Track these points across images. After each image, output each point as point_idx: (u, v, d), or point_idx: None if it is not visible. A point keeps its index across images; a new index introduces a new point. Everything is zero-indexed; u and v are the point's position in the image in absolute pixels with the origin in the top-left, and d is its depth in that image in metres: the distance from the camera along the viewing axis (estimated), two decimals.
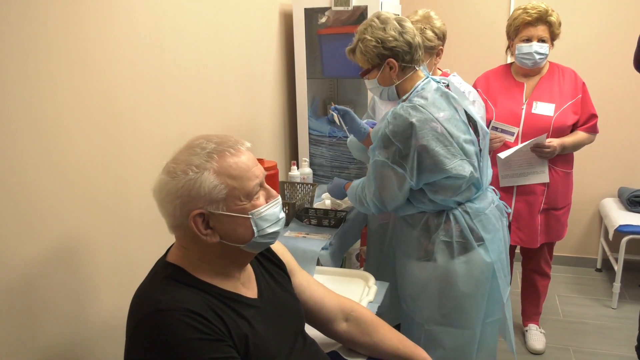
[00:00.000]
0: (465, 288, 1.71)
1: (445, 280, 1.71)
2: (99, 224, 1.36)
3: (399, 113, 1.58)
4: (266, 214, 1.07)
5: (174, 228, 1.05)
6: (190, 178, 1.00)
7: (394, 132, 1.58)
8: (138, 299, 1.02)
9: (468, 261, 1.69)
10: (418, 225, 1.74)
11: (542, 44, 2.29)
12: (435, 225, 1.71)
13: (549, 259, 2.64)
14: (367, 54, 1.65)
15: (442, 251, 1.70)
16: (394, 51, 1.63)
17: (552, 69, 2.42)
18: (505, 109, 2.38)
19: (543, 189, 2.39)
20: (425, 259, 1.73)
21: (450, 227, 1.69)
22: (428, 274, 1.73)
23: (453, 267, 1.69)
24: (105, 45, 1.35)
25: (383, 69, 1.65)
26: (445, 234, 1.70)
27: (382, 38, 1.62)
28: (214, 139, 1.05)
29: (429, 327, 1.77)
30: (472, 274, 1.70)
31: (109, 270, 1.41)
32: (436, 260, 1.70)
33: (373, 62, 1.66)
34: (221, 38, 1.99)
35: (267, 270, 1.23)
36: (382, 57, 1.64)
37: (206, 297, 1.02)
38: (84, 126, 1.29)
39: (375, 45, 1.63)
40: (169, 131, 1.64)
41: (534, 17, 2.28)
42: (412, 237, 1.77)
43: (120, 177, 1.43)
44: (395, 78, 1.67)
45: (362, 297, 1.65)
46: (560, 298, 3.23)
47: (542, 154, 2.31)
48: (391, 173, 1.62)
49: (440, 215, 1.71)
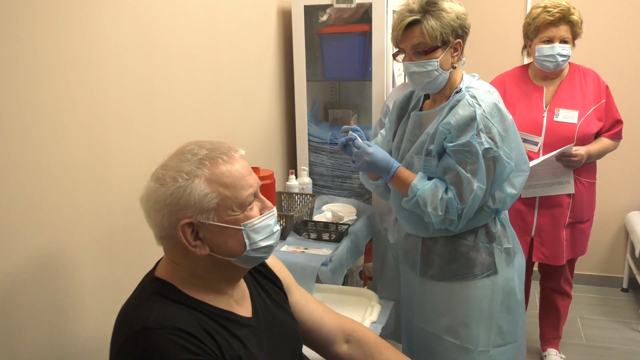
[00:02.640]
0: (520, 295, 1.75)
1: (507, 292, 1.72)
2: (82, 235, 1.38)
3: (480, 97, 1.58)
4: (259, 226, 1.09)
5: (162, 239, 1.07)
6: (179, 185, 1.02)
7: (490, 113, 1.56)
8: (124, 316, 1.04)
9: (515, 267, 1.74)
10: (477, 237, 1.70)
11: (564, 45, 2.30)
12: (497, 233, 1.71)
13: (570, 276, 2.65)
14: (443, 27, 1.56)
15: (502, 260, 1.71)
16: (464, 32, 1.62)
17: (573, 71, 2.43)
18: (524, 117, 2.39)
19: (569, 201, 2.41)
20: (485, 275, 1.69)
21: (506, 232, 1.73)
22: (491, 290, 1.70)
23: (512, 275, 1.72)
24: (89, 40, 1.37)
25: (447, 50, 1.60)
26: (504, 239, 1.72)
27: (460, 14, 1.58)
28: (206, 145, 1.08)
29: (490, 353, 1.71)
30: (522, 279, 1.77)
31: (92, 286, 1.42)
32: (497, 272, 1.70)
33: (444, 38, 1.58)
34: (215, 37, 2.02)
35: (262, 287, 1.25)
36: (455, 35, 1.60)
37: (197, 315, 1.04)
38: (67, 129, 1.31)
39: (454, 20, 1.57)
40: (159, 136, 1.66)
41: (556, 17, 2.28)
42: (463, 252, 1.70)
43: (106, 185, 1.45)
44: (456, 63, 1.64)
45: (365, 317, 1.67)
46: (582, 320, 3.23)
47: (569, 163, 2.32)
48: (501, 161, 1.57)
49: (496, 221, 1.72)
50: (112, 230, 1.49)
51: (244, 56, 2.28)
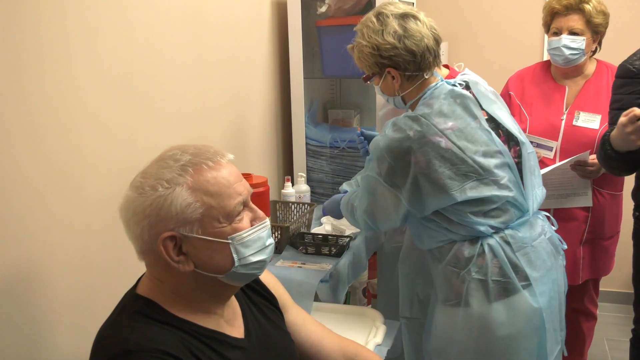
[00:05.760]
0: (506, 343, 1.60)
1: (481, 331, 1.61)
2: (57, 247, 1.38)
3: (398, 125, 1.58)
4: (250, 239, 1.09)
5: (143, 254, 1.07)
6: (159, 195, 1.02)
7: (389, 147, 1.57)
8: (102, 338, 1.04)
9: (509, 307, 1.59)
10: (445, 258, 1.65)
11: (574, 37, 2.29)
12: (466, 259, 1.61)
13: (595, 296, 2.64)
14: (364, 60, 1.68)
15: (475, 293, 1.60)
16: (393, 60, 1.63)
17: (600, 70, 2.42)
18: (541, 120, 2.39)
19: (586, 215, 2.38)
20: (454, 303, 1.64)
21: (485, 261, 1.59)
22: (458, 322, 1.63)
23: (490, 314, 1.59)
24: (60, 34, 1.38)
25: (384, 77, 1.68)
26: (479, 271, 1.60)
27: (378, 45, 1.62)
28: (190, 150, 1.08)
29: None
30: (514, 324, 1.59)
31: (68, 303, 1.42)
32: (468, 304, 1.61)
33: (372, 69, 1.68)
34: (201, 31, 2.03)
35: (256, 305, 1.25)
36: (381, 66, 1.66)
37: (183, 337, 1.04)
38: (38, 133, 1.32)
39: (371, 52, 1.64)
40: (140, 140, 1.67)
41: (562, 5, 2.29)
42: (437, 272, 1.69)
43: (83, 194, 1.46)
44: (400, 89, 1.68)
45: (369, 340, 1.67)
46: (609, 342, 3.23)
47: (585, 172, 2.29)
48: (385, 191, 1.62)
49: (473, 245, 1.61)
50: (90, 243, 1.49)
51: (234, 52, 2.29)
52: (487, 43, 3.56)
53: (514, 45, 3.51)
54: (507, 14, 3.53)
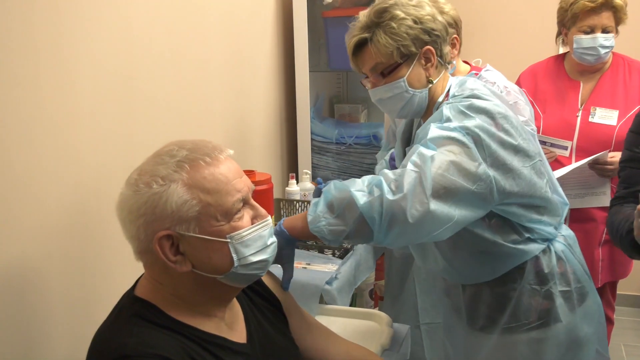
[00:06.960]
0: (594, 346, 1.57)
1: (572, 344, 1.53)
2: (52, 247, 1.38)
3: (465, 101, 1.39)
4: (250, 237, 1.08)
5: (141, 254, 1.07)
6: (154, 192, 1.01)
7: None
8: (99, 342, 1.04)
9: (588, 312, 1.55)
10: (523, 277, 1.52)
11: (607, 35, 2.28)
12: (550, 270, 1.51)
13: (612, 300, 2.63)
14: (398, 39, 1.43)
15: (562, 306, 1.51)
16: (433, 36, 1.46)
17: (617, 63, 2.41)
18: (555, 117, 2.39)
19: (604, 215, 2.38)
20: (540, 325, 1.52)
21: (564, 268, 1.52)
22: (551, 343, 1.52)
23: (576, 323, 1.52)
24: (58, 28, 1.38)
25: (415, 63, 1.47)
26: (562, 280, 1.51)
27: (421, 17, 1.44)
28: (187, 146, 1.07)
29: None
30: (595, 331, 1.57)
31: (63, 305, 1.42)
32: (558, 319, 1.51)
33: (405, 52, 1.45)
34: (203, 24, 2.03)
35: (258, 309, 1.25)
36: (418, 45, 1.45)
37: (182, 341, 1.03)
38: (34, 129, 1.32)
39: (410, 25, 1.43)
40: (138, 136, 1.67)
41: (597, 3, 2.26)
42: (509, 297, 1.53)
43: (79, 192, 1.45)
44: (433, 75, 1.49)
45: (377, 344, 1.66)
46: (627, 348, 3.23)
47: (603, 172, 2.29)
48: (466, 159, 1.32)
49: (548, 254, 1.52)
50: (86, 242, 1.49)
51: (237, 44, 2.28)
52: (500, 37, 3.55)
53: (527, 39, 3.51)
54: (520, 7, 3.52)
